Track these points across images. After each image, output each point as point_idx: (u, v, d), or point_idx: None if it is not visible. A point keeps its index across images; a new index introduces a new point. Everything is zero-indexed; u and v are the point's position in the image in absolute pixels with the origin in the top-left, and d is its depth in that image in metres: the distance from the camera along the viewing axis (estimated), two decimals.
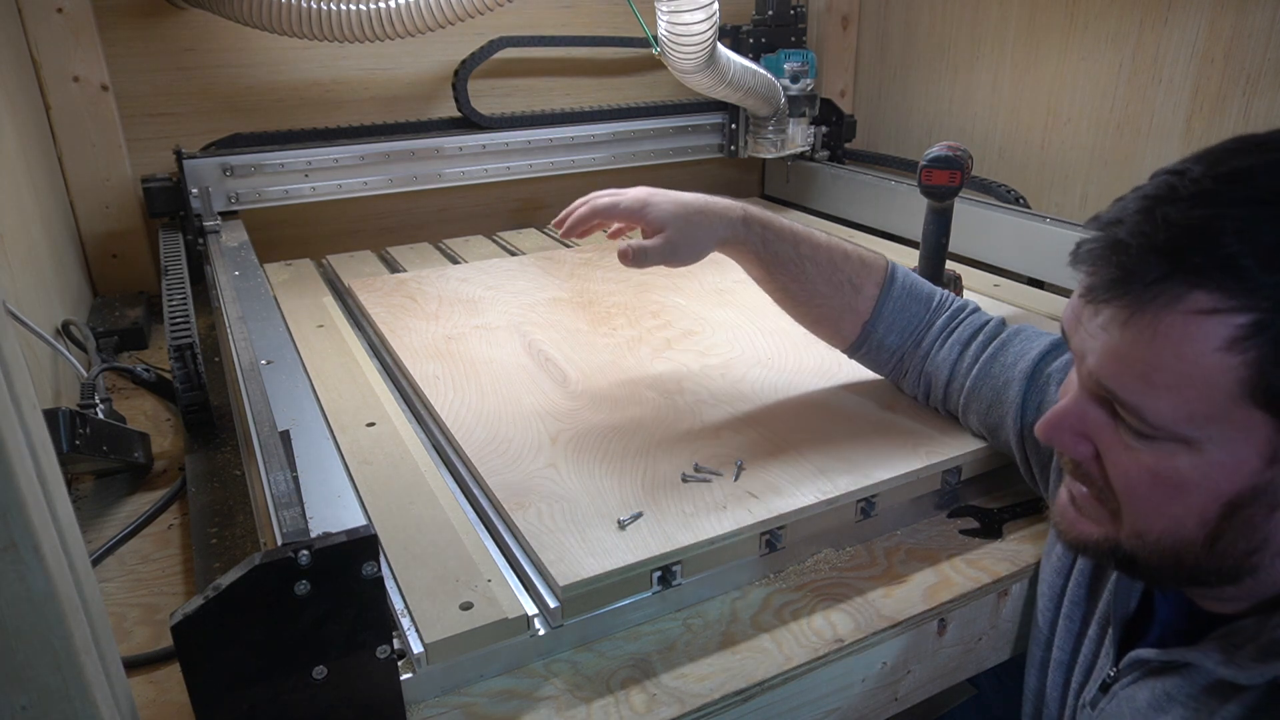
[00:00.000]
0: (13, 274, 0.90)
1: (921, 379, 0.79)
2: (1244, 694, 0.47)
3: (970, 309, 0.79)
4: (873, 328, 0.79)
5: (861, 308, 0.79)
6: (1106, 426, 0.48)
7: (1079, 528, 0.52)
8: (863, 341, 0.80)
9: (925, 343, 0.78)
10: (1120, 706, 0.54)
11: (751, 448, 0.75)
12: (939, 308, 0.79)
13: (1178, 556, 0.47)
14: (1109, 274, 0.45)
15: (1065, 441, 0.50)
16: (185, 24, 1.33)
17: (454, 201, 1.61)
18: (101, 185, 1.29)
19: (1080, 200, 1.43)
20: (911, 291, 0.79)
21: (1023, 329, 0.75)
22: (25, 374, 0.34)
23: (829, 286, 0.78)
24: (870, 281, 0.78)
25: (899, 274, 0.79)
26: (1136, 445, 0.46)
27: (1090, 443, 0.49)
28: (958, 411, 0.77)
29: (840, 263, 0.78)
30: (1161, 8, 1.25)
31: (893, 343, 0.79)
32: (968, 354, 0.75)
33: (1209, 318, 0.41)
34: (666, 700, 0.56)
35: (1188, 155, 0.46)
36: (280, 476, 0.56)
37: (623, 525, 0.64)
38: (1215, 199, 0.42)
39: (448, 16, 1.24)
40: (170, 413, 1.00)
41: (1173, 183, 0.44)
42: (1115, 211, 0.46)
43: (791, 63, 1.52)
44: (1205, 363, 0.41)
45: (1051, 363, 0.69)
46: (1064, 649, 0.62)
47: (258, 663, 0.46)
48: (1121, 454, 0.47)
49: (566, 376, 0.91)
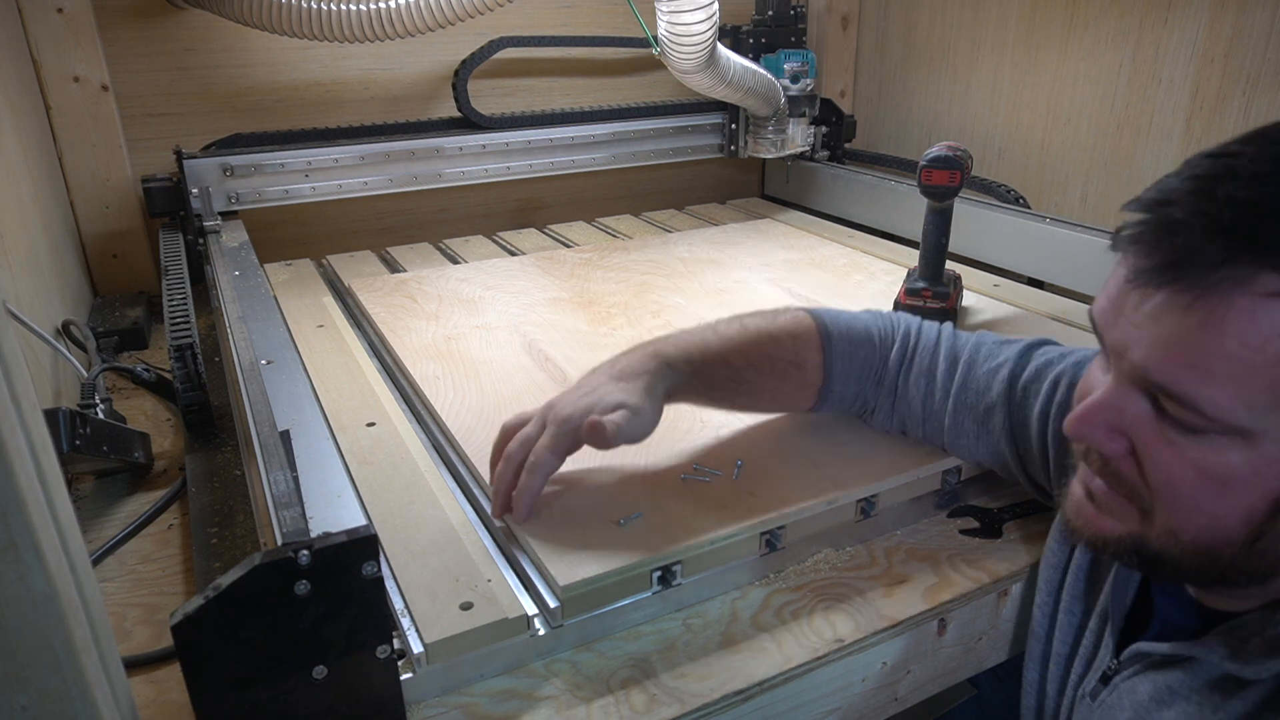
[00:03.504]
0: (13, 274, 0.90)
1: (894, 418, 0.75)
2: (1249, 689, 0.47)
3: (915, 330, 0.75)
4: (828, 389, 0.73)
5: (811, 380, 0.73)
6: (1146, 421, 0.45)
7: (1098, 524, 0.50)
8: (821, 403, 0.75)
9: (887, 380, 0.74)
10: (1120, 698, 0.54)
11: (751, 447, 0.75)
12: (883, 341, 0.74)
13: (1213, 556, 0.45)
14: (1163, 257, 0.42)
15: (1099, 438, 0.47)
16: (185, 24, 1.33)
17: (454, 201, 1.61)
18: (101, 185, 1.29)
19: (1080, 200, 1.43)
20: (850, 336, 0.73)
21: (980, 342, 0.72)
22: (25, 374, 0.34)
23: (775, 380, 0.72)
24: (809, 349, 0.72)
25: (828, 324, 0.73)
26: (1181, 440, 0.44)
27: (1125, 438, 0.46)
28: (941, 445, 0.74)
29: (773, 349, 0.72)
30: (1161, 8, 1.25)
31: (851, 392, 0.74)
32: (936, 387, 0.72)
33: (1278, 300, 0.39)
34: (666, 700, 0.56)
35: (1231, 140, 0.44)
36: (280, 476, 0.56)
37: (623, 525, 0.64)
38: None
39: (448, 16, 1.24)
40: (170, 413, 1.00)
41: (1229, 163, 0.42)
42: (1160, 193, 0.44)
43: (791, 63, 1.52)
44: (1272, 348, 0.40)
45: (1022, 375, 0.68)
46: (1064, 642, 0.62)
47: (258, 663, 0.46)
48: (1163, 450, 0.45)
49: (566, 376, 0.91)
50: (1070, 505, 0.53)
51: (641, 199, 1.76)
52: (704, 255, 1.33)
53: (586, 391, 0.67)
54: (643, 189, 1.77)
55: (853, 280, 1.21)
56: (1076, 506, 0.52)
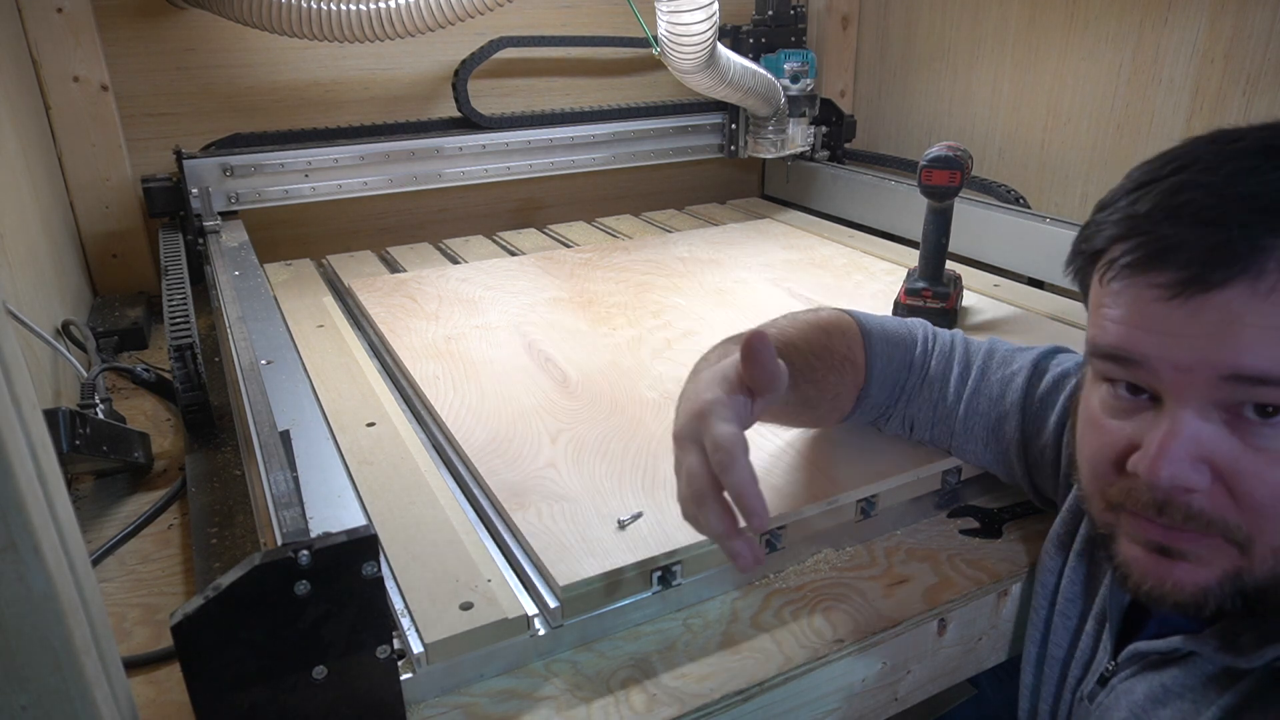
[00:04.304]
0: (13, 274, 0.90)
1: (905, 422, 0.74)
2: (1241, 681, 0.47)
3: (931, 335, 0.74)
4: (866, 392, 0.70)
5: (858, 379, 0.70)
6: (1226, 440, 0.43)
7: (1184, 578, 0.46)
8: (854, 410, 0.71)
9: (908, 386, 0.72)
10: (1117, 699, 0.54)
11: (752, 447, 0.74)
12: (911, 344, 0.72)
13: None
14: (1200, 264, 0.41)
15: (1187, 474, 0.43)
16: (185, 24, 1.33)
17: (454, 201, 1.61)
18: (101, 185, 1.29)
19: (1080, 200, 1.43)
20: (886, 336, 0.71)
21: (993, 350, 0.71)
22: (25, 374, 0.34)
23: (835, 374, 0.68)
24: (856, 346, 0.69)
25: (863, 322, 0.71)
26: (1273, 446, 0.42)
27: (1208, 467, 0.43)
28: (948, 448, 0.73)
29: (828, 341, 0.67)
30: (1161, 8, 1.25)
31: (882, 400, 0.72)
32: (949, 392, 0.71)
33: None
34: (666, 700, 0.56)
35: (1163, 153, 0.45)
36: (280, 476, 0.56)
37: (623, 525, 0.64)
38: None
39: (448, 16, 1.24)
40: (170, 413, 1.00)
41: (1188, 176, 0.43)
42: (1135, 211, 0.44)
43: (791, 63, 1.52)
44: None
45: (1040, 383, 0.67)
46: (1060, 645, 0.62)
47: (258, 663, 0.46)
48: (1254, 462, 0.43)
49: (566, 376, 0.91)
50: (1142, 573, 0.48)
51: (641, 199, 1.76)
52: (704, 255, 1.33)
53: (685, 400, 0.58)
54: (643, 189, 1.77)
55: (853, 280, 1.21)
56: (1152, 571, 0.47)
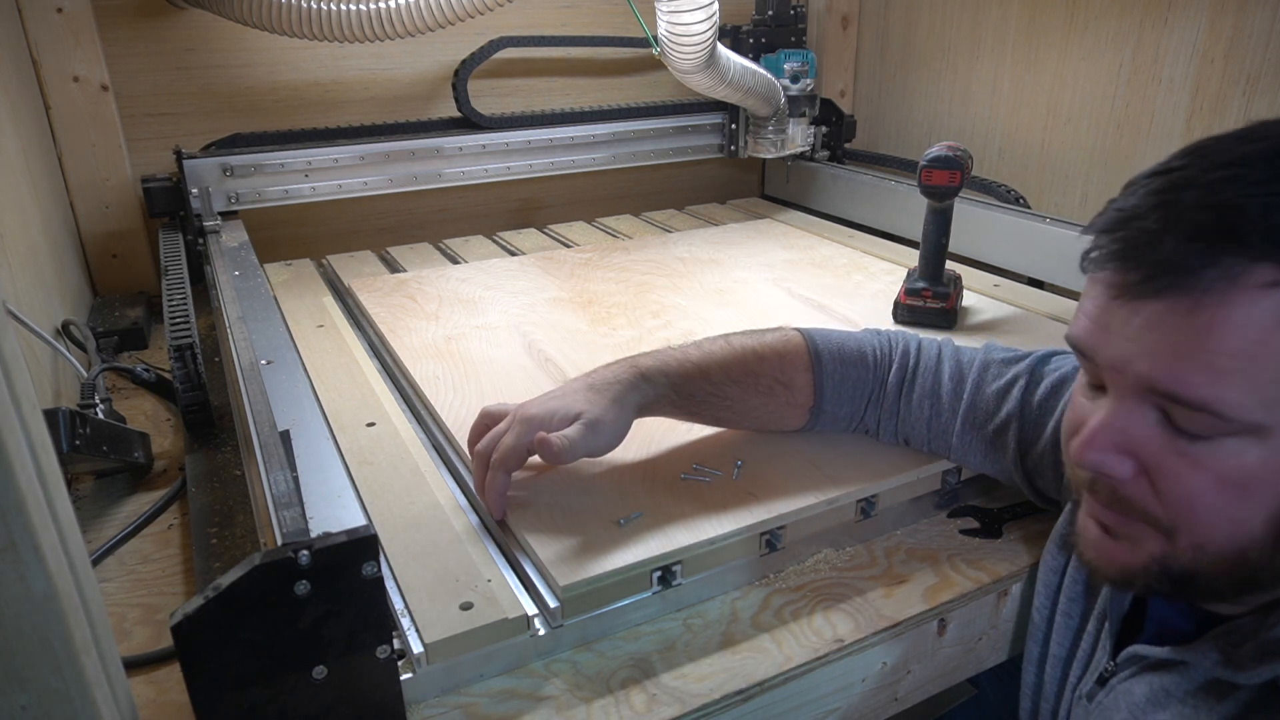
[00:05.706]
0: (13, 274, 0.90)
1: (899, 436, 0.74)
2: (1240, 692, 0.47)
3: (914, 349, 0.74)
4: (820, 409, 0.73)
5: (801, 400, 0.73)
6: (1153, 437, 0.45)
7: (1120, 558, 0.49)
8: (813, 422, 0.74)
9: (885, 402, 0.73)
10: (1117, 700, 0.54)
11: (751, 447, 0.75)
12: (879, 362, 0.74)
13: (1241, 563, 0.45)
14: (1149, 268, 0.43)
15: (1108, 461, 0.46)
16: (185, 24, 1.33)
17: (454, 201, 1.61)
18: (101, 185, 1.29)
19: (1080, 200, 1.43)
20: (842, 357, 0.73)
21: (986, 361, 0.71)
22: (25, 374, 0.34)
23: (760, 397, 0.72)
24: (798, 369, 0.72)
25: (819, 345, 0.73)
26: (1194, 450, 0.44)
27: (1133, 459, 0.46)
28: (947, 457, 0.73)
29: (758, 367, 0.71)
30: (1161, 8, 1.25)
31: (845, 412, 0.74)
32: (943, 408, 0.71)
33: (1274, 290, 0.40)
34: (666, 700, 0.56)
35: (1169, 158, 0.45)
36: (280, 476, 0.56)
37: (623, 525, 0.64)
38: (1241, 179, 0.41)
39: (448, 16, 1.24)
40: (170, 413, 1.00)
41: (1181, 175, 0.43)
42: (1122, 212, 0.45)
43: (791, 63, 1.52)
44: (1275, 339, 0.40)
45: (1037, 390, 0.67)
46: (1061, 644, 0.62)
47: (258, 663, 0.46)
48: (1176, 463, 0.44)
49: (566, 376, 0.91)
50: (1087, 544, 0.51)
51: (641, 199, 1.76)
52: (704, 255, 1.33)
53: (557, 396, 0.69)
54: (643, 189, 1.77)
55: (853, 280, 1.21)
56: (1094, 544, 0.50)
